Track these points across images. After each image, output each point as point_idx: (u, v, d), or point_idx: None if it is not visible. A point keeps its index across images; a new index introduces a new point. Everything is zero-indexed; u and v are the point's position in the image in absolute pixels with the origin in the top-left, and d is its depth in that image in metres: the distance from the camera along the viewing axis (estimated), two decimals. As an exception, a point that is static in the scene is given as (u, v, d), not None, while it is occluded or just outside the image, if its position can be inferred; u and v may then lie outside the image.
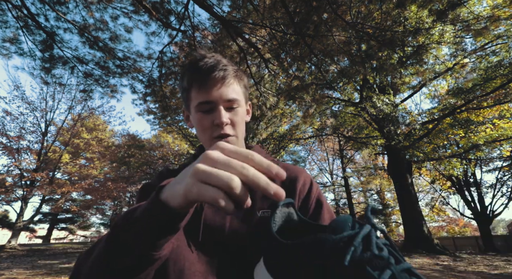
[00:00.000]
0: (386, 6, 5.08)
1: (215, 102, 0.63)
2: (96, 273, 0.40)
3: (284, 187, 0.65)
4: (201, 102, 0.63)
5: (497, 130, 10.93)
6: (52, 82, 7.00)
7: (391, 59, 6.79)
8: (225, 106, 0.64)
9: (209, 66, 0.63)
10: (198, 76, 0.63)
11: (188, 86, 0.66)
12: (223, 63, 0.65)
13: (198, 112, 0.64)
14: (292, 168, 0.74)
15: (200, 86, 0.63)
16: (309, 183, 0.69)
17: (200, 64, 0.63)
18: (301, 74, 6.90)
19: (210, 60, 0.64)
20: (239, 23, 5.51)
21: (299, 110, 13.29)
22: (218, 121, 0.62)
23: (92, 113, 18.32)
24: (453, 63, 10.87)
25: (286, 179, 0.67)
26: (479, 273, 5.70)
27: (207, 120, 0.64)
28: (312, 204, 0.65)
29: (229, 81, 0.64)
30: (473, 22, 6.24)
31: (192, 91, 0.65)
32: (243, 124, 0.69)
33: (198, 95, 0.64)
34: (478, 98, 10.48)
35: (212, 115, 0.63)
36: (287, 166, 0.75)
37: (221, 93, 0.63)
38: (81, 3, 5.56)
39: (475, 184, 15.17)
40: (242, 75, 0.70)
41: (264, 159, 0.33)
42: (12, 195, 14.95)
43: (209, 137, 0.64)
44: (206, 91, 0.63)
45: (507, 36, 9.42)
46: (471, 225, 24.87)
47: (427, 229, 10.99)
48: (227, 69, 0.64)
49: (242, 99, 0.68)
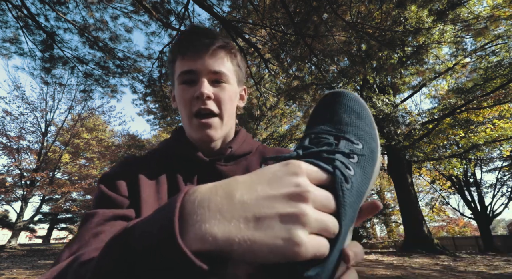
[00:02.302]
0: (386, 6, 5.08)
1: (197, 72, 0.56)
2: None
3: None
4: (183, 71, 0.56)
5: (497, 130, 10.93)
6: (52, 82, 7.01)
7: (391, 59, 6.79)
8: (209, 78, 0.57)
9: (196, 33, 0.57)
10: (183, 44, 0.57)
11: (172, 57, 0.60)
12: (213, 33, 0.58)
13: (181, 84, 0.58)
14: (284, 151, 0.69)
15: (183, 54, 0.57)
16: None
17: (188, 33, 0.58)
18: (301, 74, 6.90)
19: (199, 29, 0.58)
20: (239, 23, 5.51)
21: (299, 110, 13.31)
22: (198, 92, 0.54)
23: (92, 113, 18.31)
24: (453, 63, 10.87)
25: None
26: (479, 273, 5.70)
27: (188, 93, 0.56)
28: None
29: (216, 51, 0.57)
30: (473, 22, 6.24)
31: (177, 61, 0.59)
32: (231, 105, 0.60)
33: (181, 64, 0.57)
34: (478, 98, 10.48)
35: (194, 88, 0.56)
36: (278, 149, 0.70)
37: (206, 62, 0.56)
38: (81, 3, 5.56)
39: (475, 184, 15.16)
40: (236, 52, 0.63)
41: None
42: (12, 195, 14.94)
43: (188, 113, 0.57)
44: (189, 59, 0.56)
45: (507, 36, 9.41)
46: (471, 225, 24.86)
47: (427, 229, 10.99)
48: (215, 38, 0.57)
49: (233, 77, 0.61)
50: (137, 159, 0.61)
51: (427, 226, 11.22)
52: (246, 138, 0.68)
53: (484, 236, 13.89)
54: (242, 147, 0.64)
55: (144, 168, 0.57)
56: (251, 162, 0.63)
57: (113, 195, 0.51)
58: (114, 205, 0.49)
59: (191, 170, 0.59)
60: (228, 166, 0.61)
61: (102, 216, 0.46)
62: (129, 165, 0.58)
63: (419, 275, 5.50)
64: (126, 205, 0.50)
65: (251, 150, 0.66)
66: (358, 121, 0.36)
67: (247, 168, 0.62)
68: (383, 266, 6.74)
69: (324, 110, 0.39)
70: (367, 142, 0.34)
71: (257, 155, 0.67)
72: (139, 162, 0.59)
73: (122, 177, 0.54)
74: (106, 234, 0.43)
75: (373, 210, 0.31)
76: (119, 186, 0.52)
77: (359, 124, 0.35)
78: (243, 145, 0.65)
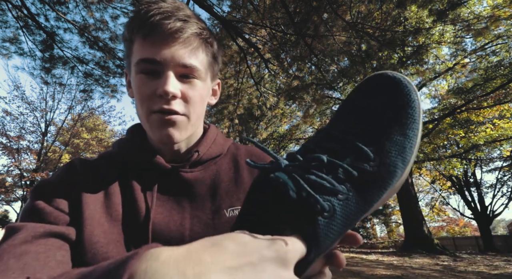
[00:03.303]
0: (386, 6, 5.08)
1: (162, 63, 0.44)
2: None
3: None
4: (143, 59, 0.45)
5: (497, 130, 10.93)
6: (52, 82, 7.01)
7: (391, 59, 6.80)
8: (177, 72, 0.46)
9: (163, 11, 0.43)
10: (145, 23, 0.43)
11: (130, 35, 0.47)
12: (185, 12, 0.46)
13: (139, 73, 0.46)
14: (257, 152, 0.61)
15: (144, 37, 0.44)
16: None
17: (152, 7, 0.44)
18: (301, 74, 6.91)
19: (167, 4, 0.45)
20: (239, 23, 5.50)
21: (299, 110, 13.30)
22: (161, 90, 0.43)
23: (92, 113, 18.31)
24: (453, 63, 10.87)
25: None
26: (479, 273, 5.70)
27: (148, 87, 0.45)
28: None
29: (188, 38, 0.46)
30: (474, 22, 6.24)
31: (135, 43, 0.46)
32: (201, 103, 0.50)
33: (141, 48, 0.45)
34: (478, 98, 10.48)
35: (156, 82, 0.45)
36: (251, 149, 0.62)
37: (173, 52, 0.44)
38: (81, 3, 5.55)
39: (475, 184, 15.17)
40: (212, 41, 0.51)
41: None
42: (12, 195, 14.95)
43: (147, 111, 0.46)
44: (151, 45, 0.44)
45: (507, 36, 9.41)
46: (471, 225, 24.87)
47: (427, 229, 10.99)
48: (188, 22, 0.45)
49: (206, 71, 0.50)
50: (85, 163, 0.51)
51: (427, 226, 11.22)
52: (216, 138, 0.59)
53: (484, 236, 13.89)
54: (211, 149, 0.55)
55: (93, 176, 0.49)
56: (221, 166, 0.56)
57: (48, 208, 0.42)
58: (47, 220, 0.40)
59: (151, 178, 0.50)
60: (194, 173, 0.52)
61: (31, 231, 0.37)
62: (74, 171, 0.49)
63: (419, 275, 5.50)
64: (64, 222, 0.42)
65: (221, 152, 0.57)
66: (397, 127, 0.28)
67: (217, 174, 0.54)
68: (383, 266, 6.74)
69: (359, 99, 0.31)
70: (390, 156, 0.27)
71: (229, 156, 0.59)
72: (87, 168, 0.50)
73: (63, 187, 0.45)
74: (32, 255, 0.34)
75: (350, 242, 0.29)
76: (57, 199, 0.43)
77: (394, 130, 0.28)
78: (212, 147, 0.56)
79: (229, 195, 0.52)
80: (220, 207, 0.50)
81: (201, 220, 0.48)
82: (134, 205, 0.47)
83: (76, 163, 0.51)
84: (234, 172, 0.56)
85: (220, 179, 0.53)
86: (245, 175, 0.56)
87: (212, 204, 0.50)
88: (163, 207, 0.48)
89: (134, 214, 0.46)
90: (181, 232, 0.46)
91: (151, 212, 0.45)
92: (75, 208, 0.44)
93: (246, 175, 0.56)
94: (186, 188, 0.51)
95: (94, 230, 0.42)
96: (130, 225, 0.45)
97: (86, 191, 0.46)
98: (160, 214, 0.47)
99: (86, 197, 0.45)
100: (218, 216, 0.49)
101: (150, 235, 0.44)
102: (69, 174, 0.48)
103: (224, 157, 0.58)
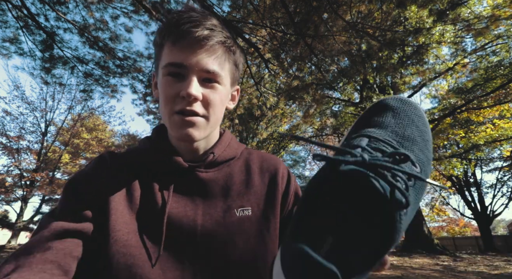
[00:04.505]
0: (386, 6, 5.08)
1: (187, 67, 0.48)
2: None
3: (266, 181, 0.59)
4: (171, 63, 0.49)
5: (497, 130, 10.93)
6: (52, 82, 7.00)
7: (391, 59, 6.79)
8: (200, 76, 0.50)
9: (193, 19, 0.48)
10: (175, 30, 0.48)
11: (160, 41, 0.52)
12: (212, 22, 0.50)
13: (166, 75, 0.50)
14: (268, 158, 0.65)
15: (174, 42, 0.49)
16: (287, 175, 0.63)
17: (182, 16, 0.49)
18: (301, 74, 6.90)
19: (196, 14, 0.50)
20: (239, 23, 5.50)
21: (299, 110, 13.29)
22: (185, 92, 0.47)
23: (92, 113, 18.32)
24: (454, 63, 10.86)
25: (265, 172, 0.61)
26: (479, 273, 5.69)
27: (173, 88, 0.49)
28: (290, 198, 0.60)
29: (213, 46, 0.50)
30: (474, 22, 6.24)
31: (165, 48, 0.51)
32: (220, 108, 0.54)
33: (169, 53, 0.50)
34: (478, 98, 10.47)
35: (181, 84, 0.49)
36: (263, 155, 0.66)
37: (199, 58, 0.49)
38: (81, 3, 5.55)
39: (475, 184, 15.17)
40: (235, 49, 0.56)
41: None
42: (12, 195, 14.96)
43: (169, 111, 0.50)
44: (180, 50, 0.49)
45: (507, 36, 9.40)
46: (471, 225, 24.87)
47: (427, 229, 11.00)
48: (214, 31, 0.50)
49: (227, 77, 0.55)
50: (114, 157, 0.56)
51: (427, 226, 11.23)
52: (230, 142, 0.63)
53: (484, 236, 13.89)
54: (225, 152, 0.60)
55: (119, 170, 0.54)
56: (234, 168, 0.60)
57: (75, 205, 0.48)
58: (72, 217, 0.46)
59: (169, 176, 0.54)
60: (209, 173, 0.56)
61: (53, 230, 0.44)
62: (103, 165, 0.54)
63: (419, 275, 5.50)
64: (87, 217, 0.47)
65: (235, 155, 0.61)
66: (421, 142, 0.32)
67: (229, 176, 0.58)
68: (383, 266, 6.74)
69: (386, 114, 0.34)
70: (425, 167, 0.30)
71: (242, 160, 0.62)
72: (115, 162, 0.55)
73: (93, 180, 0.51)
74: (53, 251, 0.41)
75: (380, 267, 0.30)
76: (86, 192, 0.49)
77: (422, 146, 0.31)
78: (226, 150, 0.60)
79: (240, 196, 0.55)
80: (231, 206, 0.54)
81: (212, 218, 0.52)
82: (152, 199, 0.51)
83: (106, 156, 0.56)
84: (246, 175, 0.59)
85: (233, 181, 0.57)
86: (256, 179, 0.59)
87: (223, 203, 0.54)
88: (178, 203, 0.52)
89: (151, 207, 0.50)
90: (193, 228, 0.50)
91: (166, 207, 0.50)
92: (102, 200, 0.49)
93: (257, 179, 0.59)
94: (201, 187, 0.55)
95: (117, 219, 0.47)
96: (148, 218, 0.50)
97: (112, 184, 0.51)
98: (175, 209, 0.51)
99: (112, 190, 0.50)
100: (229, 215, 0.52)
101: (164, 228, 0.48)
102: (98, 167, 0.54)
103: (237, 160, 0.62)
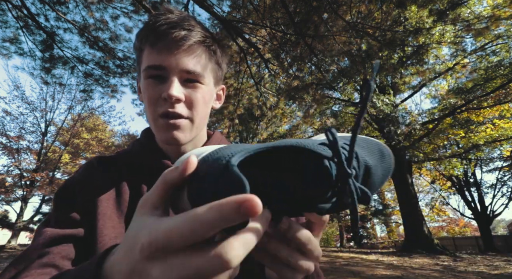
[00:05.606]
0: (386, 6, 5.08)
1: (167, 68, 0.48)
2: None
3: None
4: (150, 65, 0.49)
5: (497, 130, 10.94)
6: (52, 82, 7.00)
7: (391, 59, 6.79)
8: (181, 77, 0.50)
9: (169, 21, 0.48)
10: (152, 32, 0.48)
11: (139, 45, 0.52)
12: (190, 22, 0.50)
13: (147, 78, 0.50)
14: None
15: (152, 45, 0.49)
16: None
17: (159, 18, 0.48)
18: (301, 74, 6.90)
19: (174, 15, 0.49)
20: (239, 23, 5.50)
21: (299, 110, 13.29)
22: (166, 94, 0.47)
23: (92, 113, 18.32)
24: (454, 63, 10.87)
25: None
26: (479, 273, 5.69)
27: (155, 91, 0.49)
28: None
29: (192, 46, 0.49)
30: (474, 22, 6.24)
31: (144, 51, 0.51)
32: (204, 108, 0.54)
33: (149, 56, 0.50)
34: (478, 98, 10.48)
35: (162, 86, 0.49)
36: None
37: (179, 59, 0.48)
38: (81, 3, 5.55)
39: (475, 184, 15.16)
40: (215, 48, 0.55)
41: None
42: (12, 195, 14.96)
43: (153, 114, 0.50)
44: (159, 52, 0.48)
45: (507, 36, 9.41)
46: (471, 225, 24.88)
47: (427, 229, 10.99)
48: (192, 31, 0.49)
49: (210, 77, 0.54)
50: (102, 161, 0.56)
51: (427, 226, 11.22)
52: (220, 143, 0.61)
53: (484, 236, 13.89)
54: None
55: (108, 173, 0.54)
56: None
57: (66, 211, 0.48)
58: (64, 223, 0.47)
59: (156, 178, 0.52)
60: None
61: (49, 236, 0.44)
62: (92, 170, 0.54)
63: (419, 275, 5.50)
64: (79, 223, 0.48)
65: None
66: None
67: None
68: (383, 266, 6.74)
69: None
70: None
71: None
72: (104, 166, 0.55)
73: (81, 187, 0.51)
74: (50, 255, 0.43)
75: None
76: (75, 199, 0.50)
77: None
78: None
79: None
80: None
81: None
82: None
83: (94, 162, 0.56)
84: None
85: None
86: None
87: None
88: None
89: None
90: None
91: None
92: (90, 206, 0.49)
93: None
94: None
95: (105, 224, 0.47)
96: None
97: (101, 189, 0.51)
98: None
99: (101, 194, 0.50)
100: None
101: None
102: (87, 173, 0.54)
103: None
